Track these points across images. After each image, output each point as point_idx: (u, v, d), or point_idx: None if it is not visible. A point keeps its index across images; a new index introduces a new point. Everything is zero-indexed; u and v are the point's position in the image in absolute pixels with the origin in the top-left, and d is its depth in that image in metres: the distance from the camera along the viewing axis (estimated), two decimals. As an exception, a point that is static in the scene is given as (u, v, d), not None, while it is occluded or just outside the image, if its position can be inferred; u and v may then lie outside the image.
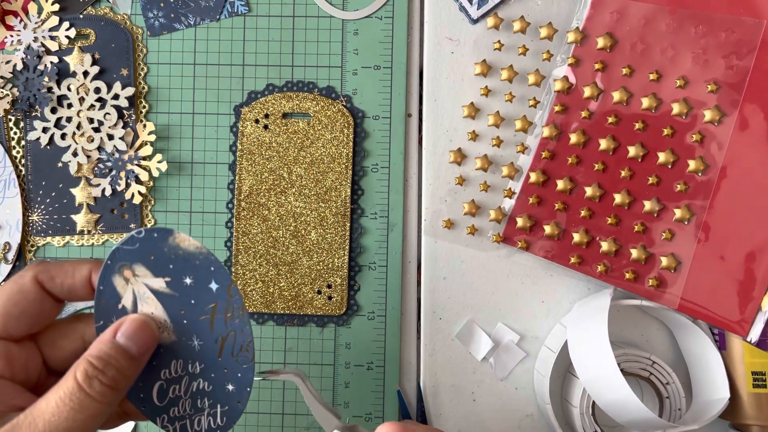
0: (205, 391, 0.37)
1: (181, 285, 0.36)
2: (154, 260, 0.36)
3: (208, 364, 0.37)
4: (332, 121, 0.50)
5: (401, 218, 0.50)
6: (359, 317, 0.50)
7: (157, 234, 0.36)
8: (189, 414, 0.38)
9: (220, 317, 0.37)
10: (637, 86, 0.47)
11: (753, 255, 0.46)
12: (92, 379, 0.32)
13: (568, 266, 0.48)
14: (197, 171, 0.51)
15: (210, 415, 0.38)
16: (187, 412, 0.38)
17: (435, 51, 0.50)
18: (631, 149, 0.47)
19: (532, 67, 0.49)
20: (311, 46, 0.51)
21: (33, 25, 0.50)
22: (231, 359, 0.37)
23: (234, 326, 0.37)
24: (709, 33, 0.46)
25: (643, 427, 0.43)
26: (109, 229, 0.51)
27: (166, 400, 0.37)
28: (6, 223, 0.51)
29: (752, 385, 0.46)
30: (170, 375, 0.37)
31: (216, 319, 0.37)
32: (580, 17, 0.48)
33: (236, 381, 0.37)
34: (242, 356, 0.37)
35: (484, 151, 0.49)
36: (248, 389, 0.38)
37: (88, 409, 0.31)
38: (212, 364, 0.37)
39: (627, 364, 0.47)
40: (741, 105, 0.46)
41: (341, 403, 0.50)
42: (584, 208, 0.48)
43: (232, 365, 0.37)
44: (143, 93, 0.51)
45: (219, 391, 0.38)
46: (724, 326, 0.46)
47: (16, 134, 0.51)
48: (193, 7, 0.51)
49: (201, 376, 0.37)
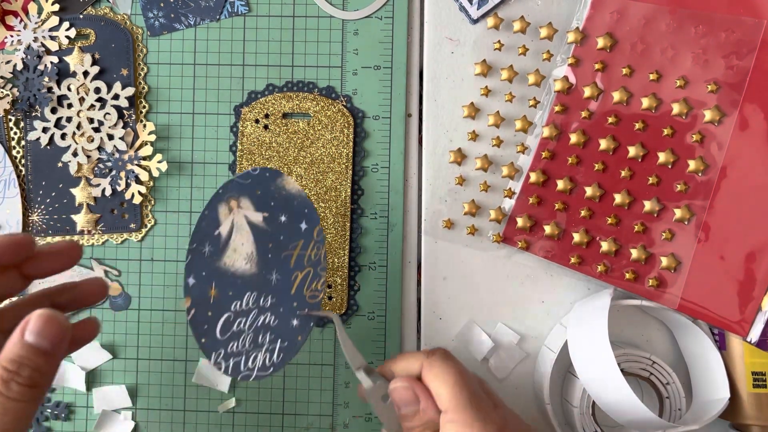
0: (270, 325, 0.40)
1: (276, 222, 0.40)
2: (259, 196, 0.40)
3: (280, 299, 0.40)
4: (332, 121, 0.50)
5: (401, 218, 0.50)
6: (359, 317, 0.50)
7: (269, 174, 0.40)
8: (246, 350, 0.40)
9: (302, 254, 0.41)
10: (637, 86, 0.47)
11: (753, 255, 0.46)
12: (8, 382, 0.32)
13: (568, 266, 0.48)
14: (197, 171, 0.51)
15: (268, 351, 0.40)
16: (245, 348, 0.40)
17: (435, 51, 0.50)
18: (631, 149, 0.47)
19: (532, 67, 0.49)
20: (311, 46, 0.51)
21: (33, 25, 0.50)
22: (302, 295, 0.41)
23: (312, 263, 0.41)
24: (709, 33, 0.46)
25: (643, 427, 0.43)
26: (109, 229, 0.51)
27: (228, 334, 0.39)
28: (6, 223, 0.51)
29: (752, 385, 0.46)
30: (240, 307, 0.39)
31: (297, 256, 0.41)
32: (580, 17, 0.48)
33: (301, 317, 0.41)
34: (313, 292, 0.41)
35: (484, 151, 0.49)
36: (311, 324, 0.42)
37: (12, 411, 0.32)
38: (284, 298, 0.41)
39: (627, 364, 0.47)
40: (741, 105, 0.46)
41: (341, 403, 0.50)
42: (584, 208, 0.48)
43: (301, 300, 0.41)
44: (143, 93, 0.51)
45: (283, 326, 0.41)
46: (724, 326, 0.46)
47: (16, 134, 0.51)
48: (193, 7, 0.51)
49: (270, 310, 0.40)
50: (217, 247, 0.39)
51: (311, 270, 0.41)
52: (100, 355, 0.51)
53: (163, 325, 0.51)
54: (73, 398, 0.51)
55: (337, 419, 0.50)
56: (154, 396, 0.51)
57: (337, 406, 0.50)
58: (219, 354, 0.39)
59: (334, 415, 0.50)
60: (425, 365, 0.39)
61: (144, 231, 0.51)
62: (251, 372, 0.40)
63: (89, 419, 0.51)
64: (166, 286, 0.51)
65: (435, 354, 0.39)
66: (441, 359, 0.39)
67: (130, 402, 0.51)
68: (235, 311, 0.39)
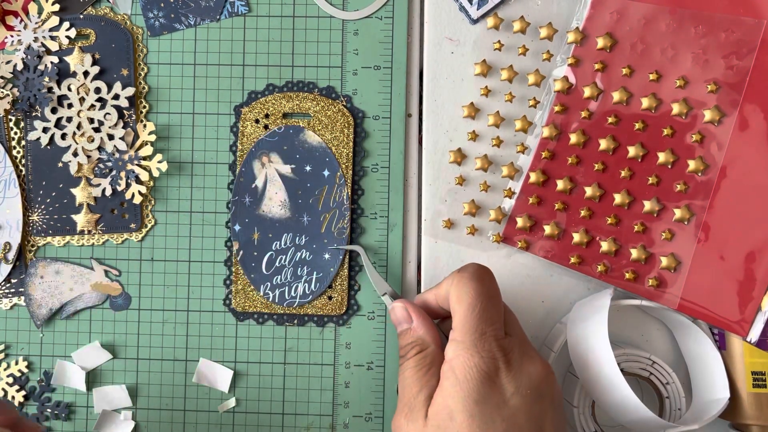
0: (306, 260, 0.48)
1: (303, 171, 0.48)
2: (286, 150, 0.48)
3: (312, 237, 0.48)
4: (332, 121, 0.50)
5: (401, 218, 0.50)
6: (359, 317, 0.50)
7: (293, 130, 0.48)
8: (289, 282, 0.48)
9: (328, 198, 0.48)
10: (637, 86, 0.47)
11: (753, 255, 0.46)
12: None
13: (568, 266, 0.48)
14: (197, 171, 0.51)
15: (306, 281, 0.48)
16: (287, 280, 0.48)
17: (435, 51, 0.50)
18: (631, 149, 0.47)
19: (532, 67, 0.49)
20: (311, 46, 0.51)
21: (33, 25, 0.50)
22: (331, 232, 0.48)
23: (337, 205, 0.48)
24: (709, 33, 0.46)
25: (643, 427, 0.43)
26: (109, 229, 0.51)
27: (272, 269, 0.48)
28: (6, 223, 0.51)
29: (752, 385, 0.46)
30: (280, 246, 0.48)
31: (324, 200, 0.48)
32: (580, 17, 0.48)
33: (332, 251, 0.48)
34: (340, 229, 0.48)
35: (484, 151, 0.49)
36: (340, 256, 0.48)
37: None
38: (315, 236, 0.48)
39: (627, 364, 0.47)
40: (741, 105, 0.46)
41: (341, 403, 0.50)
42: (584, 208, 0.48)
43: (330, 237, 0.48)
44: (143, 93, 0.51)
45: (318, 260, 0.48)
46: (724, 326, 0.46)
47: (17, 134, 0.51)
48: (193, 7, 0.51)
49: (305, 247, 0.48)
50: (255, 197, 0.48)
51: (336, 211, 0.48)
52: (100, 355, 0.51)
53: (163, 325, 0.51)
54: (73, 398, 0.51)
55: (337, 419, 0.50)
56: (154, 396, 0.51)
57: (337, 406, 0.50)
58: (266, 286, 0.48)
59: (334, 415, 0.50)
60: (453, 280, 0.39)
61: (144, 231, 0.51)
62: (294, 299, 0.48)
63: (89, 419, 0.51)
64: (166, 286, 0.51)
65: (463, 271, 0.40)
66: (465, 279, 0.39)
67: (130, 402, 0.51)
68: (276, 250, 0.48)
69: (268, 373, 0.50)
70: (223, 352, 0.51)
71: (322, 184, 0.48)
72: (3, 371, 0.51)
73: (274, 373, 0.50)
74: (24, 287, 0.51)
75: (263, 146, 0.48)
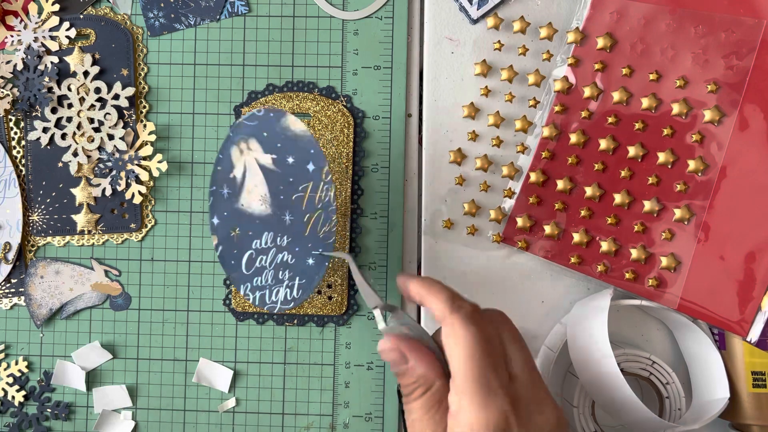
0: (288, 263, 0.44)
1: (284, 163, 0.43)
2: (267, 137, 0.43)
3: (295, 238, 0.44)
4: (332, 121, 0.50)
5: (401, 218, 0.50)
6: (359, 317, 0.50)
7: (273, 114, 0.43)
8: (270, 285, 0.44)
9: (312, 196, 0.43)
10: (637, 86, 0.47)
11: (753, 255, 0.46)
12: None
13: (568, 266, 0.48)
14: (197, 171, 0.51)
15: (288, 287, 0.44)
16: (268, 283, 0.44)
17: (435, 51, 0.50)
18: (631, 149, 0.47)
19: (532, 67, 0.49)
20: (311, 46, 0.51)
21: (33, 25, 0.50)
22: (316, 235, 0.44)
23: (323, 205, 0.43)
24: (709, 33, 0.46)
25: (643, 427, 0.43)
26: (109, 229, 0.51)
27: (252, 269, 0.43)
28: (6, 223, 0.51)
29: (752, 385, 0.46)
30: (260, 245, 0.43)
31: (308, 198, 0.43)
32: (580, 17, 0.48)
33: (316, 257, 0.44)
34: (326, 233, 0.44)
35: (484, 151, 0.49)
36: (326, 263, 0.44)
37: None
38: (298, 238, 0.44)
39: (627, 364, 0.47)
40: (741, 105, 0.46)
41: (341, 403, 0.50)
42: (584, 208, 0.48)
43: (315, 241, 0.44)
44: (143, 93, 0.51)
45: (300, 264, 0.44)
46: (724, 326, 0.46)
47: (17, 134, 0.51)
48: (193, 7, 0.51)
49: (287, 249, 0.44)
50: (234, 189, 0.43)
51: (322, 212, 0.43)
52: (100, 355, 0.51)
53: (163, 325, 0.51)
54: (73, 398, 0.51)
55: (337, 419, 0.50)
56: (154, 396, 0.51)
57: (337, 406, 0.50)
58: (247, 287, 0.44)
59: (334, 415, 0.50)
60: (445, 324, 0.36)
61: (144, 231, 0.51)
62: (275, 304, 0.44)
63: (89, 419, 0.51)
64: (166, 286, 0.51)
65: (458, 314, 0.36)
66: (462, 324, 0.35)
67: (130, 402, 0.51)
68: (256, 249, 0.43)
69: (268, 373, 0.50)
70: (223, 352, 0.51)
71: (307, 180, 0.43)
72: (3, 371, 0.51)
73: (274, 373, 0.50)
74: (24, 287, 0.51)
75: (241, 131, 0.43)
